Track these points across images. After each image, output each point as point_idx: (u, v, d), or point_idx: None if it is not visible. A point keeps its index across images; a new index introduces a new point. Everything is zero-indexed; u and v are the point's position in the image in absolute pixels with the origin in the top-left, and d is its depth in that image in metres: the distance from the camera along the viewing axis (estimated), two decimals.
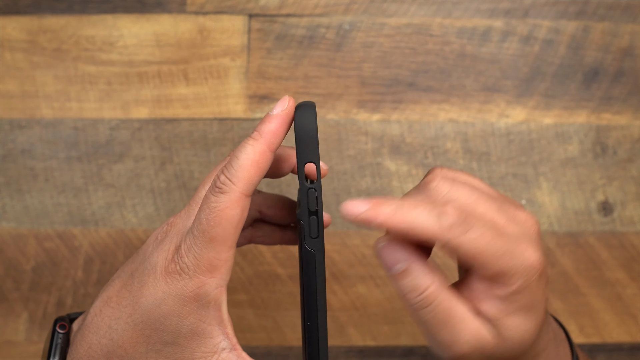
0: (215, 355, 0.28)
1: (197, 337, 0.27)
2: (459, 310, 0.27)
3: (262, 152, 0.27)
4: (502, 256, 0.26)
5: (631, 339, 0.51)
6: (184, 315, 0.27)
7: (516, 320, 0.27)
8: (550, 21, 0.52)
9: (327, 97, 0.51)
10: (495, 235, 0.26)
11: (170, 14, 0.51)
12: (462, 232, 0.25)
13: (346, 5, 0.52)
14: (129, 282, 0.29)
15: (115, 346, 0.28)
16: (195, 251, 0.27)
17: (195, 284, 0.27)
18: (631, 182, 0.52)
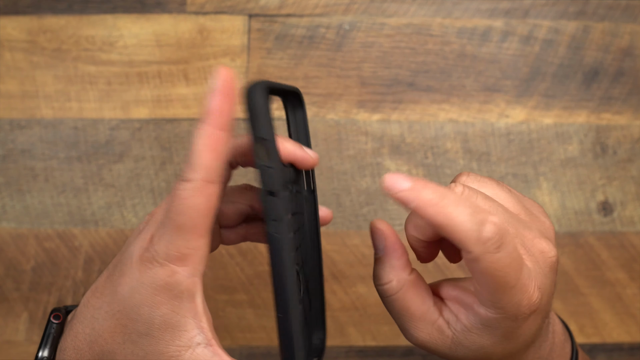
0: (190, 350, 0.27)
1: (170, 329, 0.27)
2: (417, 309, 0.29)
3: (212, 134, 0.25)
4: (512, 288, 0.26)
5: (631, 339, 0.51)
6: (156, 305, 0.27)
7: (485, 340, 0.28)
8: (550, 21, 0.52)
9: (327, 97, 0.51)
10: (514, 268, 0.25)
11: (170, 14, 0.51)
12: (494, 251, 0.25)
13: (346, 5, 0.52)
14: (111, 273, 0.29)
15: (97, 335, 0.28)
16: (165, 239, 0.26)
17: (166, 273, 0.27)
18: (631, 182, 0.52)
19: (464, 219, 0.24)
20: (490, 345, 0.28)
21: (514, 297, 0.26)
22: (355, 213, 0.51)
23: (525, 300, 0.26)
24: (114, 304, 0.28)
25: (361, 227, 0.51)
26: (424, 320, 0.29)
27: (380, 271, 0.29)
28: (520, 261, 0.26)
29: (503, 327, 0.27)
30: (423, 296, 0.29)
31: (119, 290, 0.28)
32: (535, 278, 0.27)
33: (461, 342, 0.29)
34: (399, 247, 0.29)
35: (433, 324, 0.29)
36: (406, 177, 0.25)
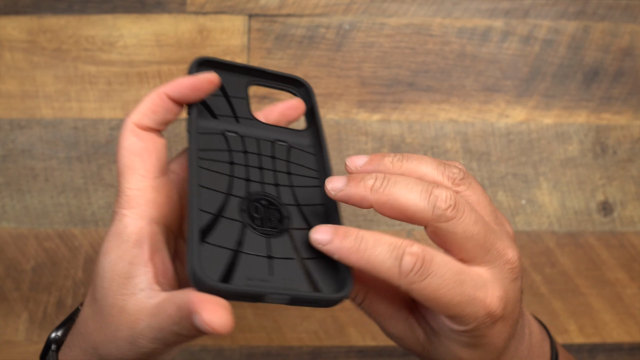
0: (133, 297, 0.26)
1: (118, 277, 0.26)
2: (386, 310, 0.29)
3: (158, 93, 0.30)
4: (458, 304, 0.25)
5: (631, 339, 0.51)
6: (108, 252, 0.27)
7: (454, 346, 0.28)
8: (550, 21, 0.52)
9: (327, 97, 0.51)
10: (454, 282, 0.25)
11: (170, 14, 0.51)
12: (419, 279, 0.25)
13: (346, 5, 0.52)
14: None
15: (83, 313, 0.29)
16: (118, 187, 0.28)
17: (117, 217, 0.28)
18: (631, 182, 0.52)
19: (382, 259, 0.25)
20: (461, 352, 0.28)
21: (465, 310, 0.25)
22: (355, 213, 0.51)
23: (481, 310, 0.26)
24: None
25: (361, 227, 0.51)
26: (395, 317, 0.29)
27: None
28: (458, 277, 0.25)
29: (469, 337, 0.27)
30: (390, 298, 0.29)
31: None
32: (494, 288, 0.26)
33: (432, 342, 0.29)
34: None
35: (405, 321, 0.29)
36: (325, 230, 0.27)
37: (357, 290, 0.29)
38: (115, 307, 0.26)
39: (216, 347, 0.51)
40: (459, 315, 0.26)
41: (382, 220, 0.51)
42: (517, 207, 0.51)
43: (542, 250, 0.51)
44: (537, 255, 0.51)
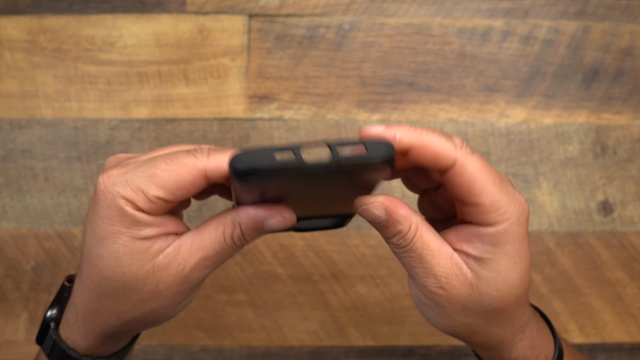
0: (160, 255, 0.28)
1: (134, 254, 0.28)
2: (435, 245, 0.29)
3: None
4: (499, 186, 0.27)
5: (631, 339, 0.51)
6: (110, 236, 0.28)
7: (500, 266, 0.28)
8: (550, 21, 0.52)
9: (327, 97, 0.51)
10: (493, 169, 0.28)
11: (170, 14, 0.51)
12: (469, 152, 0.27)
13: (346, 5, 0.52)
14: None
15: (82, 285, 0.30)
16: (129, 176, 0.27)
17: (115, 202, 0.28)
18: (631, 182, 0.52)
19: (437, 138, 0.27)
20: (507, 270, 0.28)
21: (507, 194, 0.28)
22: None
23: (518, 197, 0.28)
24: (84, 250, 0.29)
25: (361, 227, 0.51)
26: (442, 254, 0.29)
27: (394, 228, 0.29)
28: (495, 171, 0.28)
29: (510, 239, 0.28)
30: (434, 233, 0.29)
31: (84, 236, 0.29)
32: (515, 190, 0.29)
33: (479, 275, 0.29)
34: (395, 199, 0.29)
35: (451, 258, 0.29)
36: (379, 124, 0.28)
37: (409, 223, 0.29)
38: (144, 273, 0.28)
39: (216, 347, 0.51)
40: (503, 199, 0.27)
41: None
42: None
43: (542, 250, 0.51)
44: (537, 255, 0.51)
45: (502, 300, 0.29)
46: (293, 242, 0.51)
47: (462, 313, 0.30)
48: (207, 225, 0.29)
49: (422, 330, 0.51)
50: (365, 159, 0.24)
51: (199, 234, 0.28)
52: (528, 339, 0.32)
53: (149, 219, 0.27)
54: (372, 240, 0.51)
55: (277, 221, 0.28)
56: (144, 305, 0.29)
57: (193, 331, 0.51)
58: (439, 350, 0.51)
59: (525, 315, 0.32)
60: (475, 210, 0.28)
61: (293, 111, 0.51)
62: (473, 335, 0.31)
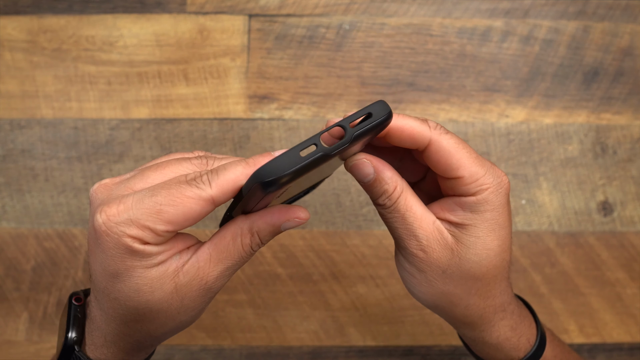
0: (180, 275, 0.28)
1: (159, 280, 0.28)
2: (418, 210, 0.31)
3: (246, 174, 0.28)
4: (476, 159, 0.29)
5: (631, 339, 0.51)
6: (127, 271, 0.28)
7: (479, 231, 0.30)
8: (550, 21, 0.52)
9: (327, 97, 0.51)
10: (468, 146, 0.30)
11: (170, 14, 0.51)
12: (443, 132, 0.30)
13: (346, 5, 0.52)
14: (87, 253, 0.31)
15: (106, 314, 0.30)
16: (132, 212, 0.27)
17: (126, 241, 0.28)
18: (631, 182, 0.52)
19: (413, 122, 0.29)
20: (485, 235, 0.30)
21: (484, 166, 0.30)
22: (355, 213, 0.51)
23: (496, 171, 0.30)
24: (97, 285, 0.29)
25: (361, 227, 0.51)
26: (424, 219, 0.31)
27: (380, 187, 0.31)
28: (471, 149, 0.30)
29: (489, 207, 0.30)
30: (418, 199, 0.31)
31: (93, 271, 0.29)
32: (495, 167, 0.31)
33: (460, 240, 0.30)
34: (383, 161, 0.31)
35: (434, 223, 0.31)
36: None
37: (395, 184, 0.30)
38: (169, 294, 0.28)
39: (216, 347, 0.51)
40: (480, 172, 0.29)
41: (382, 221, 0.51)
42: (517, 207, 0.51)
43: (542, 250, 0.51)
44: (537, 255, 0.51)
45: (481, 266, 0.30)
46: (293, 242, 0.51)
47: (442, 279, 0.31)
48: (223, 236, 0.29)
49: (422, 330, 0.51)
50: (375, 122, 0.27)
51: (216, 247, 0.29)
52: (509, 319, 0.33)
53: (159, 248, 0.27)
54: (372, 240, 0.51)
55: (294, 223, 0.29)
56: (173, 320, 0.29)
57: (193, 331, 0.51)
58: (439, 350, 0.51)
59: (506, 294, 0.33)
60: (456, 183, 0.30)
61: (293, 111, 0.51)
62: (453, 306, 0.32)
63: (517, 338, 0.34)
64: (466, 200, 0.30)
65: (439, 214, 0.31)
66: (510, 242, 0.31)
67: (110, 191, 0.29)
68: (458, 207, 0.30)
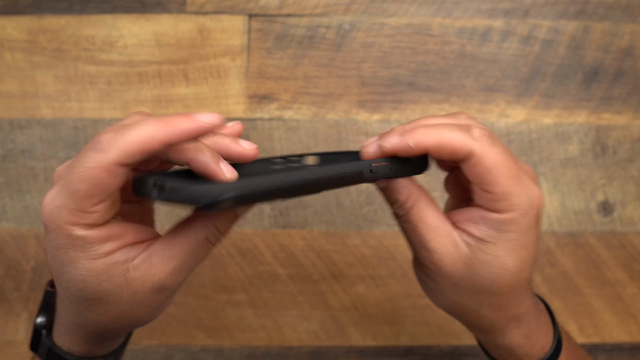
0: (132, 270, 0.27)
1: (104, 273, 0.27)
2: (433, 221, 0.30)
3: (156, 139, 0.25)
4: (515, 177, 0.28)
5: (631, 339, 0.51)
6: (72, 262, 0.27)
7: (499, 250, 0.29)
8: (550, 21, 0.52)
9: (327, 97, 0.51)
10: (512, 159, 0.28)
11: (170, 14, 0.51)
12: (488, 144, 0.28)
13: (346, 5, 0.52)
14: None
15: (61, 303, 0.30)
16: (58, 199, 0.26)
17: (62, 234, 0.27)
18: (631, 182, 0.52)
19: (454, 133, 0.28)
20: (505, 255, 0.29)
21: (520, 186, 0.28)
22: (355, 213, 0.51)
23: (531, 191, 0.28)
24: (52, 274, 0.29)
25: (361, 227, 0.51)
26: (439, 231, 0.30)
27: (392, 195, 0.30)
28: (515, 158, 0.28)
29: (514, 228, 0.28)
30: (435, 209, 0.30)
31: (49, 260, 0.28)
32: (530, 180, 0.29)
33: (476, 255, 0.29)
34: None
35: (448, 236, 0.29)
36: (392, 134, 0.28)
37: (408, 194, 0.30)
38: (118, 287, 0.27)
39: (216, 347, 0.51)
40: (515, 192, 0.28)
41: (382, 220, 0.51)
42: None
43: (542, 250, 0.51)
44: (537, 255, 0.51)
45: (494, 284, 0.29)
46: (293, 242, 0.51)
47: (454, 291, 0.30)
48: (178, 232, 0.28)
49: (422, 330, 0.51)
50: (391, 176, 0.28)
51: (168, 242, 0.27)
52: (524, 328, 0.33)
53: (102, 234, 0.26)
54: (372, 240, 0.51)
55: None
56: (126, 315, 0.28)
57: (193, 331, 0.51)
58: (439, 350, 0.51)
59: (522, 306, 0.32)
60: (487, 196, 0.28)
61: (293, 111, 0.51)
62: (465, 315, 0.32)
63: (531, 346, 0.33)
64: (492, 217, 0.29)
65: (461, 224, 0.30)
66: (532, 261, 0.30)
67: (59, 175, 0.28)
68: (482, 222, 0.29)
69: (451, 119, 0.30)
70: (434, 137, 0.28)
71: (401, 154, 0.28)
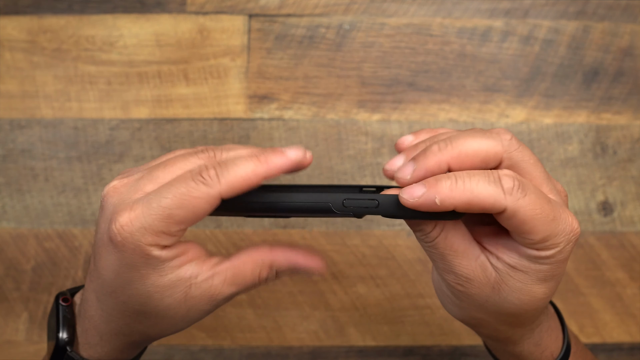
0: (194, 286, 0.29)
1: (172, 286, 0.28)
2: (460, 246, 0.28)
3: (257, 175, 0.27)
4: (551, 221, 0.27)
5: (631, 339, 0.51)
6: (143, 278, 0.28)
7: (529, 279, 0.28)
8: (550, 21, 0.52)
9: (327, 97, 0.51)
10: (545, 201, 0.27)
11: (170, 14, 0.51)
12: (521, 195, 0.26)
13: (346, 5, 0.52)
14: (93, 254, 0.30)
15: (108, 315, 0.30)
16: (144, 219, 0.27)
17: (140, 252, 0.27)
18: (631, 182, 0.52)
19: (483, 186, 0.26)
20: (534, 284, 0.28)
21: (559, 227, 0.27)
22: None
23: (569, 226, 0.27)
24: (105, 287, 0.29)
25: (361, 227, 0.51)
26: (467, 256, 0.28)
27: (417, 225, 0.29)
28: (545, 197, 0.27)
29: (550, 265, 0.27)
30: (463, 233, 0.29)
31: (103, 275, 0.29)
32: (564, 209, 0.28)
33: (505, 281, 0.28)
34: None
35: (476, 260, 0.29)
36: (417, 184, 0.27)
37: (435, 223, 0.28)
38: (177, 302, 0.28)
39: (216, 347, 0.51)
40: (553, 234, 0.27)
41: (382, 220, 0.51)
42: None
43: None
44: None
45: (520, 309, 0.29)
46: (293, 242, 0.51)
47: (477, 309, 0.30)
48: (244, 263, 0.29)
49: (422, 330, 0.51)
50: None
51: (233, 270, 0.29)
52: (535, 337, 0.33)
53: (173, 253, 0.28)
54: (372, 240, 0.51)
55: (312, 269, 0.31)
56: (175, 326, 0.30)
57: (193, 331, 0.51)
58: (439, 350, 0.51)
59: (538, 321, 0.32)
60: (525, 241, 0.27)
61: (293, 111, 0.51)
62: (481, 327, 0.32)
63: (541, 352, 0.33)
64: (528, 252, 0.27)
65: (490, 246, 0.29)
66: (558, 284, 0.29)
67: (120, 195, 0.28)
68: (515, 252, 0.28)
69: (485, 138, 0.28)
70: (462, 195, 0.26)
71: (423, 209, 0.26)
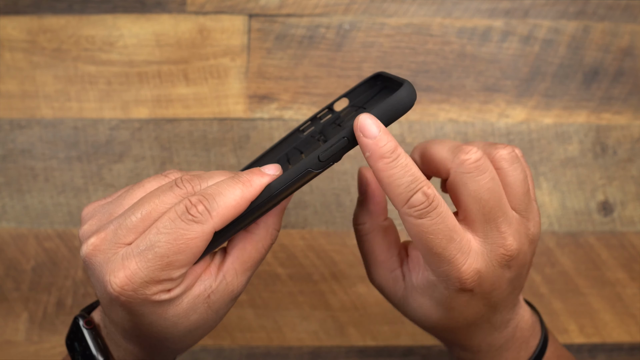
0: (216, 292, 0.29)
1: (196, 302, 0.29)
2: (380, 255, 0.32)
3: (245, 199, 0.27)
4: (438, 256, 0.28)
5: (631, 339, 0.51)
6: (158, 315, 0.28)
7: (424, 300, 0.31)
8: (550, 21, 0.52)
9: (327, 97, 0.51)
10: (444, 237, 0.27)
11: (170, 14, 0.51)
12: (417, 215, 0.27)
13: (346, 5, 0.52)
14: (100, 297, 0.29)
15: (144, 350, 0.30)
16: (143, 274, 0.26)
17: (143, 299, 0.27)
18: (631, 182, 0.52)
19: (399, 184, 0.26)
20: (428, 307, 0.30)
21: (441, 265, 0.27)
22: None
23: (454, 272, 0.27)
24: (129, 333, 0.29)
25: None
26: (383, 266, 0.31)
27: (358, 212, 0.32)
28: (449, 233, 0.27)
29: (438, 293, 0.29)
30: (389, 245, 0.31)
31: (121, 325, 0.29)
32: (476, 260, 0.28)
33: (407, 297, 0.31)
34: (378, 195, 0.31)
35: (391, 273, 0.31)
36: (378, 125, 0.26)
37: (368, 218, 0.31)
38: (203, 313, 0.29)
39: (216, 347, 0.51)
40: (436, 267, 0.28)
41: None
42: None
43: (542, 250, 0.51)
44: (537, 255, 0.51)
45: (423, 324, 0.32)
46: (293, 242, 0.51)
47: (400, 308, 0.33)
48: (243, 248, 0.29)
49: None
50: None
51: (239, 259, 0.29)
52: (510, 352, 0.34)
53: (181, 287, 0.27)
54: None
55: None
56: (209, 328, 0.30)
57: None
58: (439, 350, 0.51)
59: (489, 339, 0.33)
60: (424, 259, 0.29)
61: (293, 111, 0.51)
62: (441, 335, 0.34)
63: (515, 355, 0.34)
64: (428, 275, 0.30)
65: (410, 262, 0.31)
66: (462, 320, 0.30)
67: (104, 253, 0.27)
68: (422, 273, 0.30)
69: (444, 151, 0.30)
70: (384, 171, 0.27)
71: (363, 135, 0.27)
